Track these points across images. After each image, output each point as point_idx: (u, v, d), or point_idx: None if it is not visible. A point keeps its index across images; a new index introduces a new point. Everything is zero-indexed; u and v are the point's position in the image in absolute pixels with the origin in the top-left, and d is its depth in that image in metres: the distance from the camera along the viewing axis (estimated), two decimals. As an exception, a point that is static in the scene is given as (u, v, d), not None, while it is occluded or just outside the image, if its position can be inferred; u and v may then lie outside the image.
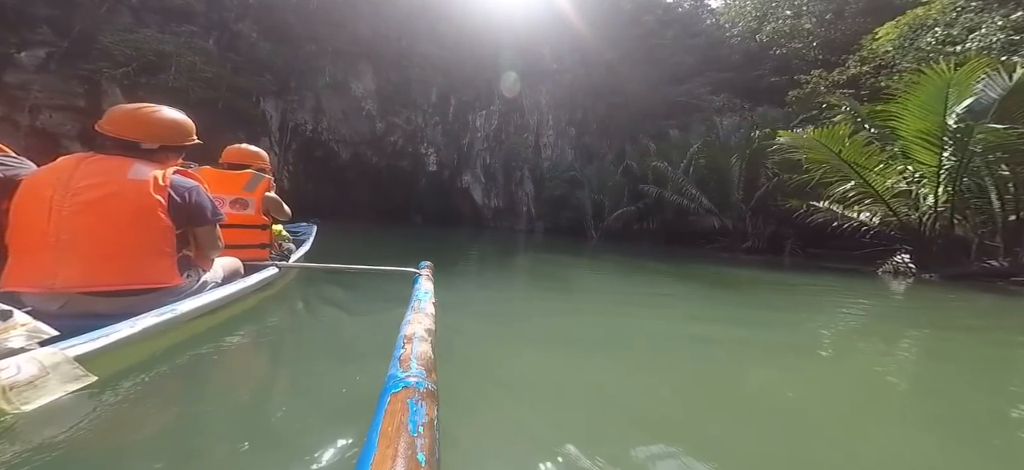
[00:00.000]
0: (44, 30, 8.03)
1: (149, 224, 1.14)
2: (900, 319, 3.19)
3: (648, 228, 11.82)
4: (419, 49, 15.28)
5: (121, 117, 1.21)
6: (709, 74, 17.12)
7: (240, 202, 1.93)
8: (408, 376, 0.60)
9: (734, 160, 9.39)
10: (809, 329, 2.52)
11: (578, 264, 6.09)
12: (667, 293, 3.77)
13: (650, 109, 16.87)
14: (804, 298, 3.90)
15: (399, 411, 0.48)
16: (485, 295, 3.09)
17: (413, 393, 0.54)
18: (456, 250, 6.82)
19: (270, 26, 11.92)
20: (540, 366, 1.45)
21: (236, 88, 10.89)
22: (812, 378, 1.60)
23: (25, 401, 0.70)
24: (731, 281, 4.76)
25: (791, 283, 4.88)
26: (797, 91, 11.39)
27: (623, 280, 4.65)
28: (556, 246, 9.21)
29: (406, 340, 0.79)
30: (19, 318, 0.82)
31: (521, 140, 16.56)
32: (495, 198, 17.61)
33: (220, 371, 1.20)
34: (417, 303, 1.22)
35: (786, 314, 3.09)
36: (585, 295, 3.58)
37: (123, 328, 0.96)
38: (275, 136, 13.78)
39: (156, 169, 1.18)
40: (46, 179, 1.09)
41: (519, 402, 1.12)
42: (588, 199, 13.21)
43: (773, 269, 6.20)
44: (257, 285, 1.70)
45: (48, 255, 1.04)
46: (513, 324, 2.23)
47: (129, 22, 8.86)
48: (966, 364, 1.94)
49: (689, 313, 2.84)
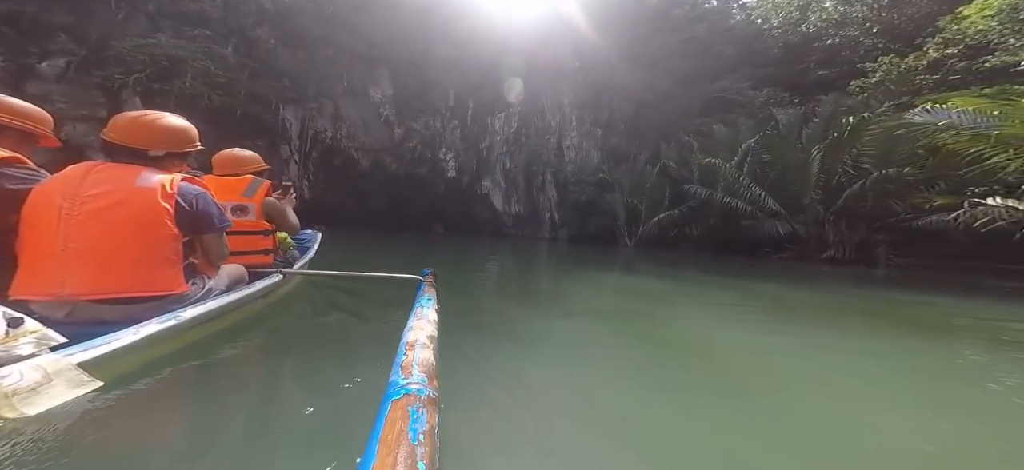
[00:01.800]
0: (62, 38, 7.90)
1: (156, 232, 1.15)
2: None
3: (691, 235, 10.53)
4: (435, 51, 14.86)
5: (125, 125, 1.22)
6: (745, 69, 16.06)
7: (240, 208, 1.87)
8: (409, 383, 0.61)
9: (815, 153, 7.69)
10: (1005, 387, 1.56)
11: (633, 280, 5.03)
12: (753, 320, 2.80)
13: (684, 107, 15.77)
14: (962, 332, 2.76)
15: (399, 418, 0.48)
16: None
17: (414, 400, 0.54)
18: (474, 264, 6.00)
19: (287, 31, 11.75)
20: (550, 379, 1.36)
21: (254, 95, 10.68)
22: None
23: (29, 406, 0.71)
24: (833, 302, 3.67)
25: (920, 306, 3.72)
26: (862, 81, 10.08)
27: (693, 299, 3.67)
28: (585, 257, 8.19)
29: (408, 347, 0.82)
30: (29, 325, 0.85)
31: (542, 142, 15.71)
32: (516, 204, 16.80)
33: (223, 377, 1.19)
34: (420, 310, 1.24)
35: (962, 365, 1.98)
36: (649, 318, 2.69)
37: (127, 334, 0.99)
38: (295, 144, 13.60)
39: (163, 176, 1.19)
40: (56, 187, 1.11)
41: (526, 411, 1.06)
42: (621, 204, 12.11)
43: (875, 286, 4.97)
44: (261, 292, 1.71)
45: (56, 263, 1.06)
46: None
47: (145, 28, 8.70)
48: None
49: (794, 344, 2.01)
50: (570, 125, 16.53)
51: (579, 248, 10.60)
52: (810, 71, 15.14)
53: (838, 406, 1.27)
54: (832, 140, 7.59)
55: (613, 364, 1.60)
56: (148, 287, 1.15)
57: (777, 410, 1.22)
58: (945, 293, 4.45)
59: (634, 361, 1.67)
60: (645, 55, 16.67)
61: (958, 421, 1.22)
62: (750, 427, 1.07)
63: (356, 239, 8.01)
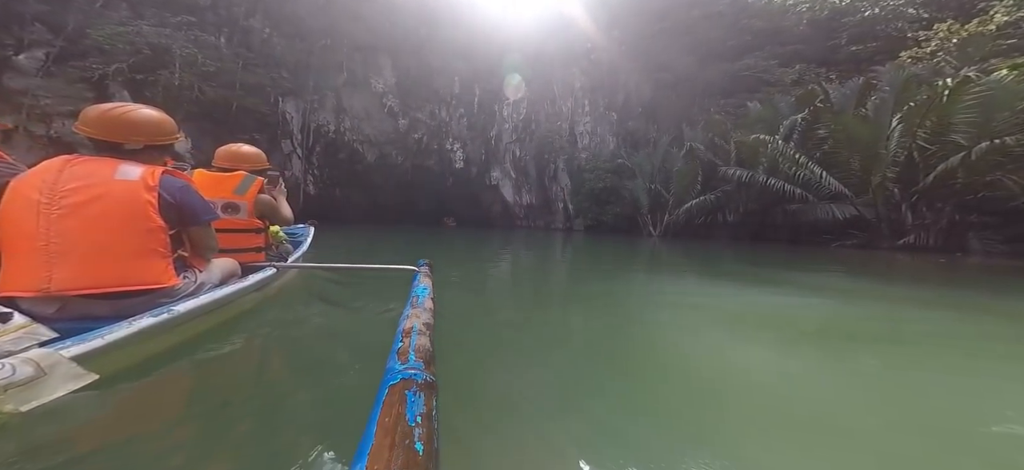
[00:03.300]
0: (38, 28, 7.34)
1: (140, 225, 1.13)
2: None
3: (724, 221, 9.56)
4: (439, 35, 14.07)
5: (95, 118, 1.18)
6: (769, 48, 15.05)
7: (231, 206, 1.82)
8: (406, 368, 0.61)
9: (895, 123, 6.54)
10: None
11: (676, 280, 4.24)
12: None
13: (706, 87, 14.75)
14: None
15: (397, 402, 0.48)
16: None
17: (411, 385, 0.55)
18: (482, 259, 5.18)
19: (281, 20, 11.08)
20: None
21: (249, 86, 10.06)
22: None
23: (23, 401, 0.70)
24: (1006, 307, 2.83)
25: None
26: (913, 50, 9.07)
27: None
28: (604, 248, 7.36)
29: (404, 334, 0.85)
30: (18, 320, 0.85)
31: (553, 129, 14.82)
32: (527, 194, 16.05)
33: (219, 370, 1.17)
34: (416, 298, 1.29)
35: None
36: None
37: (120, 328, 0.97)
38: (297, 139, 13.02)
39: (144, 169, 1.16)
40: (32, 182, 1.09)
41: (526, 403, 1.03)
42: (643, 190, 11.22)
43: (982, 276, 4.06)
44: (255, 286, 1.69)
45: (39, 258, 1.04)
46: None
47: (126, 17, 8.09)
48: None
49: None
50: (583, 110, 15.61)
51: (597, 238, 9.77)
52: (841, 47, 14.14)
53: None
54: (911, 109, 6.39)
55: (629, 359, 1.48)
56: (137, 280, 1.13)
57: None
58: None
59: (646, 360, 1.50)
60: (663, 33, 15.61)
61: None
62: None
63: (362, 236, 7.39)
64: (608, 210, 13.28)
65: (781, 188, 7.74)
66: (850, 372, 1.39)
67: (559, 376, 1.21)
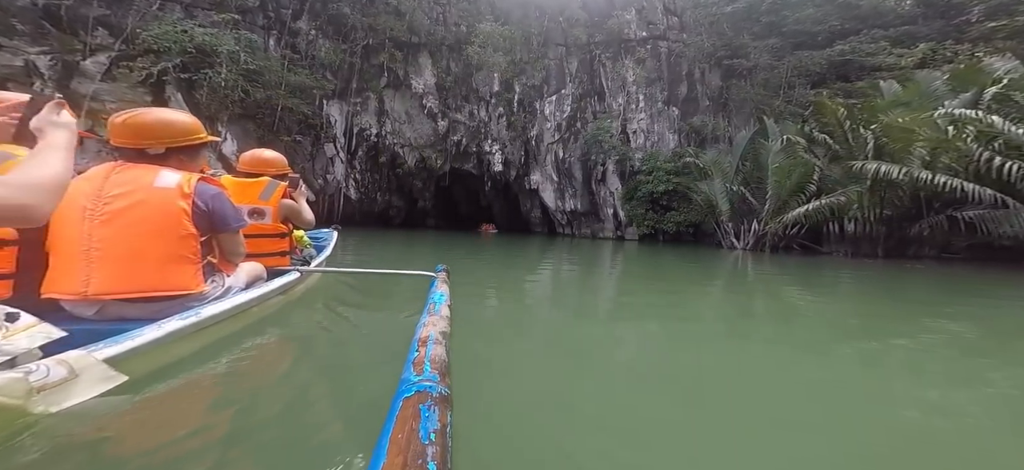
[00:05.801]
0: (100, 32, 7.56)
1: (174, 231, 1.17)
2: None
3: (841, 232, 7.39)
4: (479, 28, 13.36)
5: (118, 125, 1.21)
6: (873, 31, 12.53)
7: (257, 212, 1.87)
8: (421, 380, 0.60)
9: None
10: None
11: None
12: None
13: (790, 75, 12.57)
14: None
15: (410, 417, 0.48)
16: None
17: (426, 398, 0.53)
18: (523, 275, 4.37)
19: (326, 19, 10.96)
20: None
21: (294, 87, 9.95)
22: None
23: (54, 402, 0.72)
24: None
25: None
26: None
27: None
28: (665, 261, 5.83)
29: (421, 343, 0.82)
30: (25, 320, 0.86)
31: (602, 127, 13.38)
32: (571, 199, 14.71)
33: (242, 374, 1.19)
34: (432, 306, 1.28)
35: None
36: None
37: (151, 331, 1.00)
38: (341, 142, 12.95)
39: (181, 176, 1.19)
40: (81, 188, 1.13)
41: (542, 413, 1.00)
42: (722, 194, 9.40)
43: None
44: (279, 290, 1.73)
45: (80, 262, 1.09)
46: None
47: (179, 17, 8.20)
48: None
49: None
50: (637, 105, 14.01)
51: (657, 250, 8.18)
52: (970, 24, 11.64)
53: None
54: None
55: (663, 381, 1.32)
56: (169, 286, 1.16)
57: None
58: None
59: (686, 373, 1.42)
60: (736, 14, 13.65)
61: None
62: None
63: (399, 241, 6.78)
64: (669, 217, 11.53)
65: (958, 187, 5.63)
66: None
67: (591, 396, 1.11)
